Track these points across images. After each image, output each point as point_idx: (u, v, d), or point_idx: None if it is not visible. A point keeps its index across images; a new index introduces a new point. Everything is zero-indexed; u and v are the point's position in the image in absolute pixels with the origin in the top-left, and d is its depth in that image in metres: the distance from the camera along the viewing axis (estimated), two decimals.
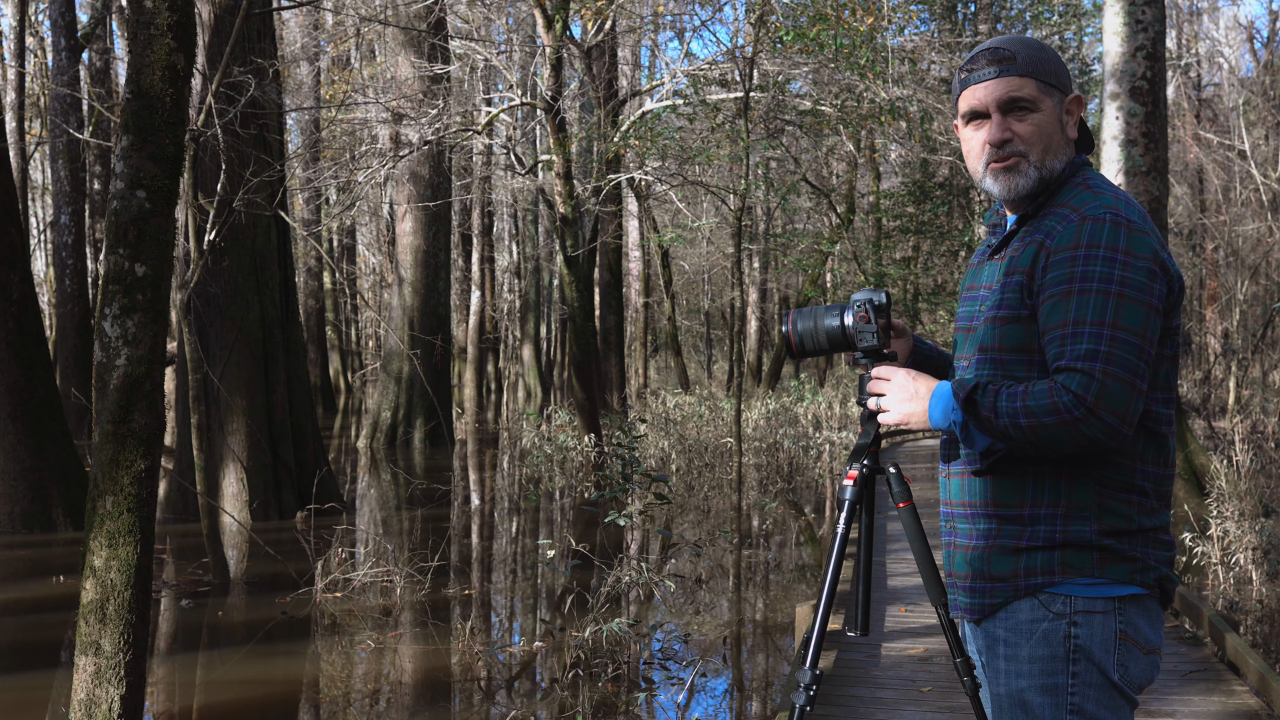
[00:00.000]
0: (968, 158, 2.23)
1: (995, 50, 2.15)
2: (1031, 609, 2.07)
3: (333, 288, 35.34)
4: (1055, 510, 2.06)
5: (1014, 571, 2.09)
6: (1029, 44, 2.16)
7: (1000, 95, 2.13)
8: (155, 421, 4.29)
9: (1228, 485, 9.02)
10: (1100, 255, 2.00)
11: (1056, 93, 2.16)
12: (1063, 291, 2.01)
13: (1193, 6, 32.70)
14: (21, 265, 10.73)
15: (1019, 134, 2.13)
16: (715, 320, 45.51)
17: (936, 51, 17.47)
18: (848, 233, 25.44)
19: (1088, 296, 1.98)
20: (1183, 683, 4.97)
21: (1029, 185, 2.15)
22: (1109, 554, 2.05)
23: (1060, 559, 2.05)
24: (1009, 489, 2.10)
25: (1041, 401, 1.96)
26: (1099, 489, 2.06)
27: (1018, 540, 2.09)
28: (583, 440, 16.75)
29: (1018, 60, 2.13)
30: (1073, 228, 2.04)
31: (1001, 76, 2.13)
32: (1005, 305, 2.10)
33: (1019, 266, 2.10)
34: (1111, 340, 1.96)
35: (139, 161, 4.29)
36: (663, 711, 5.77)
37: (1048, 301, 2.03)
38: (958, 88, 2.22)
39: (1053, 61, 2.16)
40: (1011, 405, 1.98)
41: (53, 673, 6.44)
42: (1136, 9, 9.57)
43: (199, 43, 11.30)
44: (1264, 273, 26.08)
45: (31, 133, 27.40)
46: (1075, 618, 2.05)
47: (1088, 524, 2.05)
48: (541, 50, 16.53)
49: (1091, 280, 1.99)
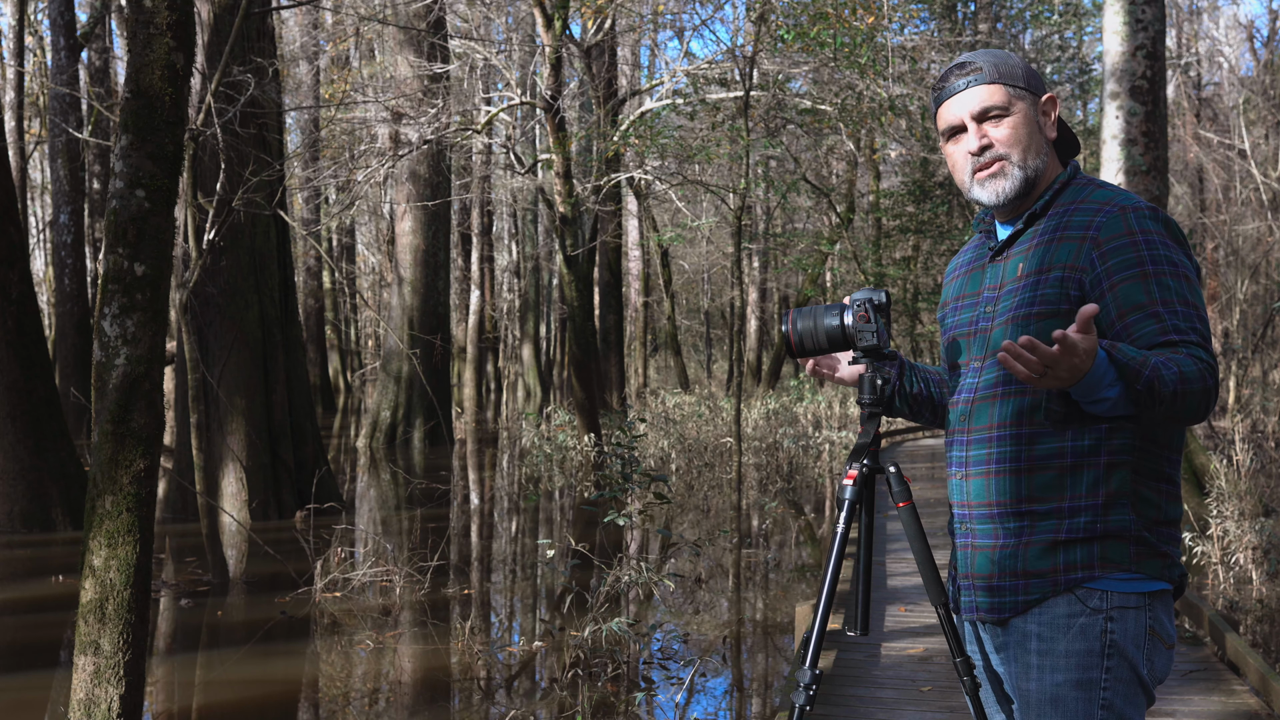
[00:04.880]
0: (954, 172, 2.28)
1: (961, 65, 2.22)
2: (1069, 604, 2.08)
3: (332, 287, 35.34)
4: (1095, 500, 2.08)
5: (1053, 567, 2.10)
6: (993, 54, 2.23)
7: (973, 106, 2.19)
8: (154, 421, 4.29)
9: (1228, 485, 9.02)
10: (1156, 240, 2.08)
11: (1029, 95, 2.21)
12: (1137, 274, 2.05)
13: (1193, 6, 32.70)
14: (21, 265, 10.73)
15: (996, 139, 2.18)
16: (715, 320, 45.52)
17: (936, 50, 17.46)
18: (847, 232, 25.45)
19: (1165, 279, 2.05)
20: (1183, 682, 4.97)
21: (1015, 187, 2.19)
22: (1145, 548, 2.08)
23: (1100, 552, 2.07)
24: (1045, 484, 2.10)
25: (1190, 369, 1.96)
26: (1135, 477, 2.09)
27: (1055, 534, 2.09)
28: (582, 440, 16.75)
29: (984, 70, 2.19)
30: (1117, 217, 2.09)
31: (970, 88, 2.19)
32: (1041, 301, 2.12)
33: (1055, 262, 2.12)
34: (1201, 319, 2.05)
35: (138, 161, 4.29)
36: (662, 711, 5.77)
37: (1122, 285, 2.06)
38: (934, 107, 2.28)
39: (1018, 66, 2.22)
40: (1171, 374, 1.95)
41: (52, 672, 6.43)
42: (1136, 8, 9.57)
43: (198, 42, 11.29)
44: (1264, 272, 26.08)
45: (31, 132, 27.40)
46: (1111, 613, 2.06)
47: (1127, 512, 2.07)
48: (541, 49, 16.52)
49: (1162, 264, 2.06)
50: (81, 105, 21.09)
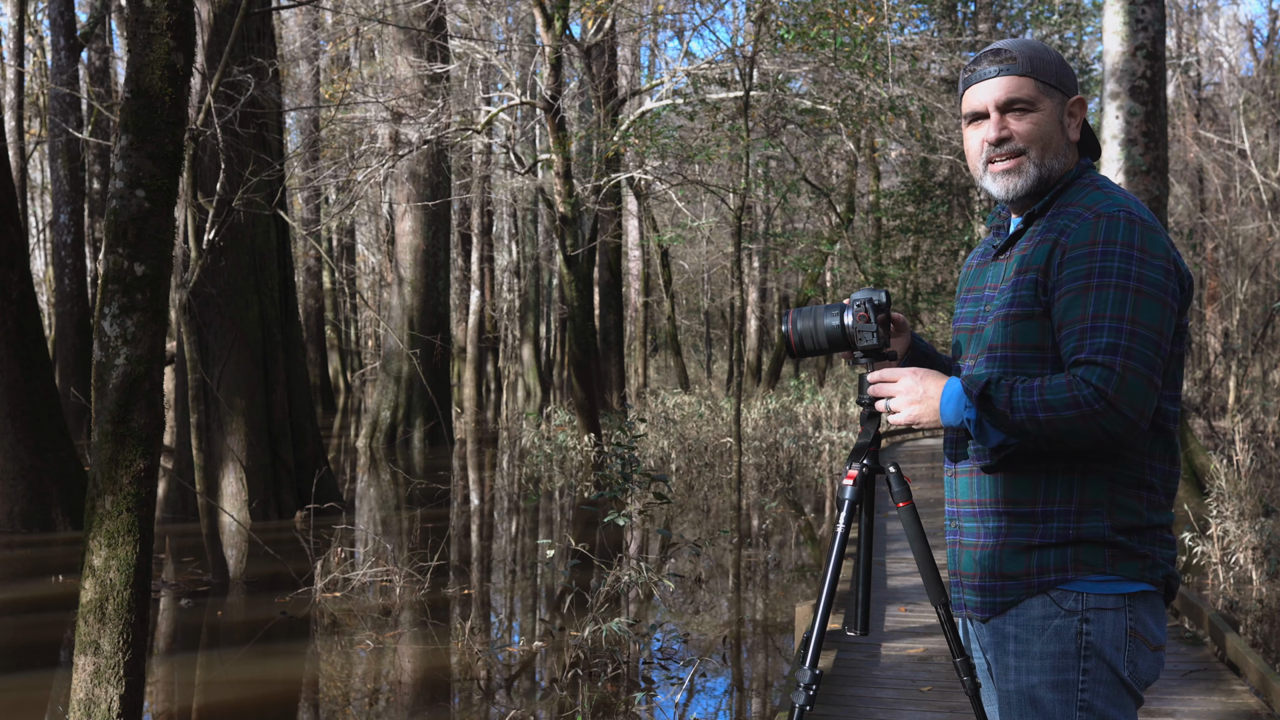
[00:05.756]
0: (969, 157, 2.25)
1: (998, 51, 2.18)
2: (1043, 606, 2.08)
3: (332, 287, 35.32)
4: (1069, 507, 2.06)
5: (1026, 569, 2.09)
6: (1031, 45, 2.18)
7: (999, 95, 2.15)
8: (154, 421, 4.29)
9: (1228, 485, 9.02)
10: (1117, 251, 2.01)
11: (1058, 94, 2.17)
12: (1080, 287, 2.01)
13: (1193, 6, 32.70)
14: (21, 265, 10.72)
15: (1017, 132, 2.15)
16: (715, 320, 45.51)
17: (936, 50, 17.46)
18: (847, 232, 25.44)
19: (1106, 292, 1.99)
20: (1183, 682, 4.97)
21: (1028, 184, 2.16)
22: (1121, 551, 2.05)
23: (1074, 556, 2.06)
24: (1020, 486, 2.10)
25: (1061, 395, 1.94)
26: (1111, 485, 2.06)
27: (1030, 538, 2.09)
28: (582, 440, 16.75)
29: (1018, 61, 2.15)
30: (1088, 225, 2.05)
31: (1001, 76, 2.15)
32: (1018, 303, 2.10)
33: (1032, 264, 2.10)
34: (1131, 335, 1.96)
35: (138, 161, 4.29)
36: (662, 711, 5.77)
37: (1065, 296, 2.03)
38: (961, 89, 2.25)
39: (1054, 63, 2.17)
40: (1028, 400, 1.96)
41: (52, 672, 6.43)
42: (1136, 8, 9.57)
43: (198, 42, 11.29)
44: (1264, 272, 26.08)
45: (30, 132, 27.39)
46: (1087, 615, 2.05)
47: (1101, 520, 2.05)
48: (541, 49, 16.52)
49: (1109, 276, 2.00)
50: (81, 105, 21.09)
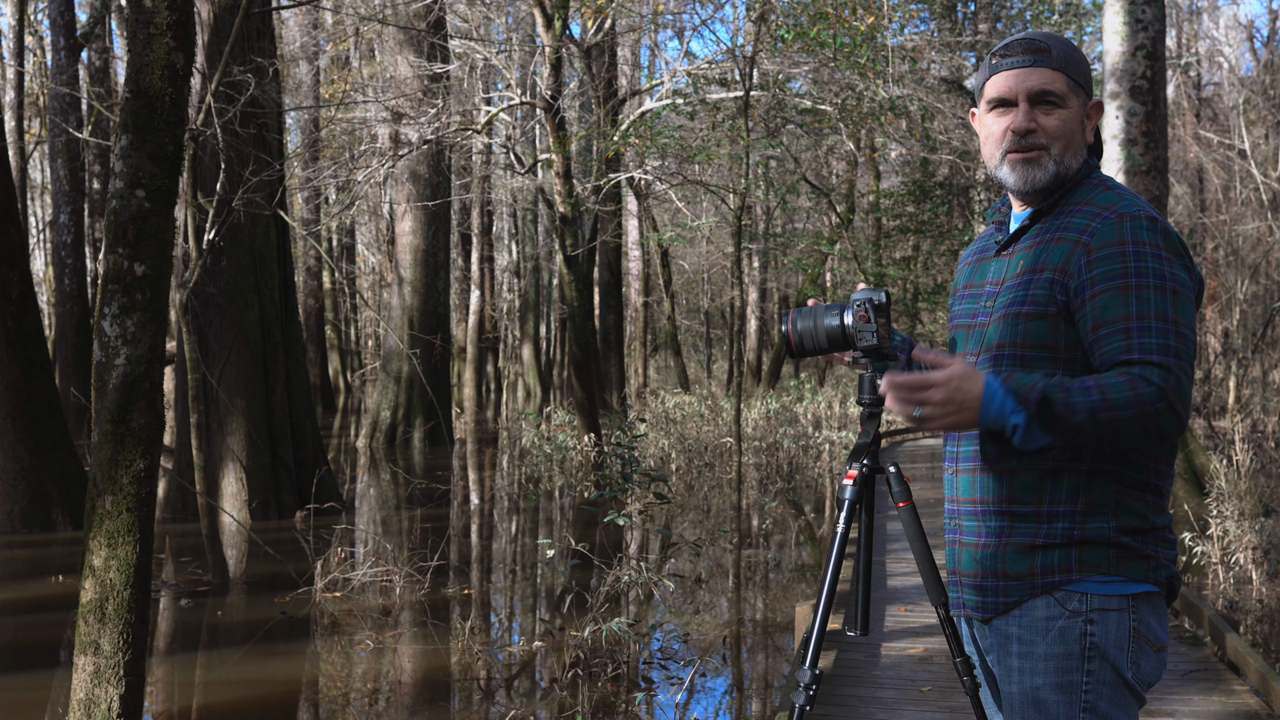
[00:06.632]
0: (985, 144, 2.20)
1: (1031, 41, 2.14)
2: (1047, 607, 2.06)
3: (332, 287, 35.32)
4: (1074, 508, 2.05)
5: (1030, 570, 2.07)
6: (1064, 41, 2.16)
7: (1032, 85, 2.12)
8: (154, 421, 4.29)
9: (1228, 485, 9.02)
10: (1148, 252, 2.00)
11: (1083, 94, 2.16)
12: (1119, 286, 2.00)
13: (1193, 6, 32.70)
14: (21, 265, 10.72)
15: (1044, 127, 2.12)
16: (715, 320, 45.52)
17: (936, 50, 17.46)
18: (847, 232, 25.44)
19: (1146, 292, 1.98)
20: (1183, 682, 4.97)
21: (1045, 179, 2.13)
22: (1125, 551, 2.04)
23: (1078, 557, 2.04)
24: (1026, 486, 2.08)
25: (1124, 394, 1.91)
26: (1117, 487, 2.05)
27: (1034, 538, 2.07)
28: (582, 440, 16.75)
29: (1053, 54, 2.12)
30: (1112, 225, 2.03)
31: (1036, 66, 2.12)
32: (1030, 301, 2.08)
33: (1048, 263, 2.08)
34: (1178, 335, 1.96)
35: (138, 161, 4.29)
36: (662, 711, 5.76)
37: (1101, 296, 2.01)
38: (985, 73, 2.19)
39: (1084, 63, 2.16)
40: (1088, 400, 1.91)
41: (52, 672, 6.43)
42: (1136, 8, 9.57)
43: (198, 42, 11.29)
44: (1264, 272, 26.09)
45: (30, 132, 27.39)
46: (1091, 615, 2.04)
47: (1106, 521, 2.04)
48: (541, 49, 16.52)
49: (1146, 276, 1.99)
50: (81, 105, 21.09)
